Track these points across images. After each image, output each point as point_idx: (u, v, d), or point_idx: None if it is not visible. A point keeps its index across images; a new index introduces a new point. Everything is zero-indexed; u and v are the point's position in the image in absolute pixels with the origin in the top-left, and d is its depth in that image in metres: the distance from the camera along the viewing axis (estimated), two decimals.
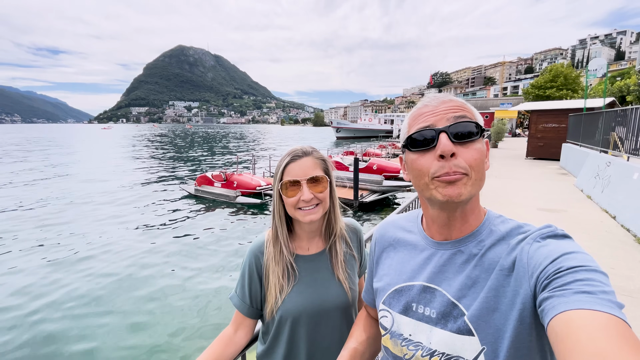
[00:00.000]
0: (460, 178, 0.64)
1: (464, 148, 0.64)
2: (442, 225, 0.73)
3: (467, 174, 0.64)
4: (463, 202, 0.66)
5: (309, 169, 1.00)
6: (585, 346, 0.42)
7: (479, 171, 0.65)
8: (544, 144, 14.31)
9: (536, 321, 0.57)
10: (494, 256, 0.65)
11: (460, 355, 0.64)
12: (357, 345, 0.91)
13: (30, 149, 37.90)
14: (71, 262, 7.18)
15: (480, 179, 0.66)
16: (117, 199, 13.18)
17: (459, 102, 0.70)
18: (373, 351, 0.94)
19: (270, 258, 1.05)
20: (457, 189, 0.64)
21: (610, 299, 0.47)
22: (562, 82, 33.54)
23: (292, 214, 1.02)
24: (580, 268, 0.51)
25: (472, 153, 0.64)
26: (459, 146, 0.64)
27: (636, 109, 6.86)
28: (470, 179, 0.64)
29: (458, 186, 0.64)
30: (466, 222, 0.71)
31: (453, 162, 0.64)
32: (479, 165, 0.65)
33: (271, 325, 1.07)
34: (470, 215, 0.71)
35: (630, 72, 46.41)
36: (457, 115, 0.66)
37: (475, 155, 0.65)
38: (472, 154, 0.64)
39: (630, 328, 0.44)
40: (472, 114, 0.69)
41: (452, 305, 0.67)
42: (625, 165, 6.10)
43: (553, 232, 0.61)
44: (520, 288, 0.59)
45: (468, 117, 0.67)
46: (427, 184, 0.67)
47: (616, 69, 73.67)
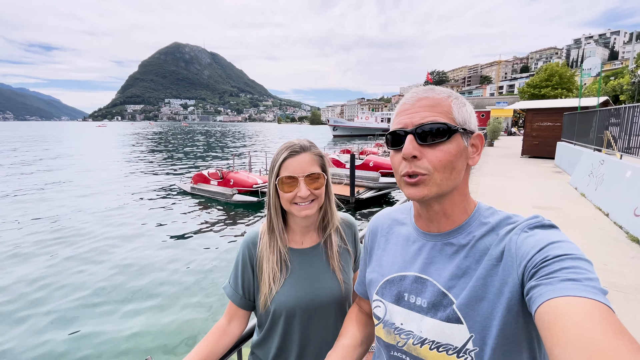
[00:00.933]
0: (422, 180, 0.67)
1: (430, 149, 0.66)
2: (426, 218, 0.76)
3: (428, 174, 0.66)
4: (433, 200, 0.70)
5: (307, 165, 0.99)
6: (571, 332, 0.43)
7: (443, 171, 0.66)
8: (539, 142, 14.44)
9: (523, 309, 0.59)
10: (483, 247, 0.67)
11: (450, 342, 0.66)
12: (349, 342, 0.92)
13: (25, 148, 37.47)
14: (63, 258, 7.12)
15: (447, 177, 0.67)
16: (113, 197, 13.07)
17: (435, 99, 0.69)
18: (365, 348, 0.95)
19: (265, 248, 1.05)
20: (419, 190, 0.67)
21: (595, 285, 0.49)
22: (557, 81, 33.79)
23: (287, 208, 1.02)
24: (566, 256, 0.53)
25: (436, 154, 0.66)
26: (426, 148, 0.66)
27: (629, 107, 6.93)
28: (432, 179, 0.66)
29: (420, 188, 0.67)
30: (450, 216, 0.72)
31: (415, 163, 0.67)
32: (443, 166, 0.66)
33: (265, 318, 1.07)
34: (454, 210, 0.72)
35: (623, 71, 46.79)
36: (426, 115, 0.67)
37: (439, 157, 0.66)
38: (436, 155, 0.66)
39: (614, 313, 0.46)
40: (447, 111, 0.68)
41: (442, 295, 0.68)
42: (618, 164, 6.17)
43: (540, 222, 0.63)
44: (508, 277, 0.60)
45: (438, 118, 0.66)
46: (399, 180, 0.72)
47: (610, 68, 74.29)
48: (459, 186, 0.71)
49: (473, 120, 0.71)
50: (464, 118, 0.68)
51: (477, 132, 0.71)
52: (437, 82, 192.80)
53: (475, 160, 0.71)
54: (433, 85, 0.74)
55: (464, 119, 0.69)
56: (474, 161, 0.71)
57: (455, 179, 0.68)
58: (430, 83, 26.18)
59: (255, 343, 1.12)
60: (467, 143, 0.69)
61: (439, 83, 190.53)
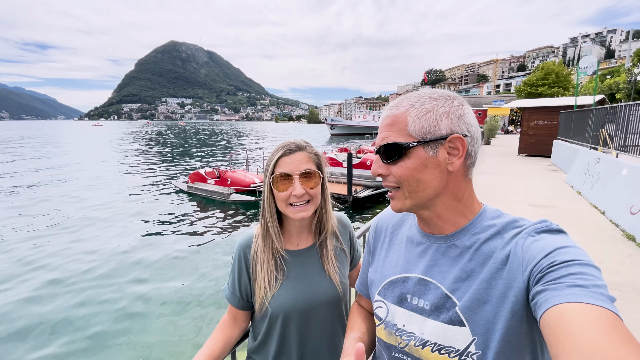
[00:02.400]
0: (394, 195, 0.72)
1: (394, 165, 0.69)
2: (424, 222, 0.77)
3: (398, 189, 0.71)
4: (416, 209, 0.73)
5: (302, 163, 0.98)
6: (577, 339, 0.43)
7: (409, 184, 0.68)
8: (535, 140, 14.49)
9: (528, 314, 0.58)
10: (488, 250, 0.66)
11: (452, 345, 0.65)
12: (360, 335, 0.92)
13: (23, 149, 37.20)
14: (59, 255, 7.08)
15: (414, 191, 0.68)
16: (109, 196, 13.00)
17: (393, 117, 0.70)
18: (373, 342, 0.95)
19: (260, 252, 1.03)
20: (394, 204, 0.73)
21: (603, 292, 0.48)
22: (554, 80, 33.89)
23: (282, 209, 1.01)
24: (574, 262, 0.52)
25: (397, 170, 0.68)
26: (389, 165, 0.70)
27: (625, 106, 6.96)
28: (401, 193, 0.70)
29: (394, 202, 0.72)
30: (447, 219, 0.72)
31: (386, 180, 0.72)
32: (406, 180, 0.68)
33: (262, 321, 1.06)
34: (449, 213, 0.71)
35: (620, 70, 47.02)
36: (384, 137, 0.70)
37: (399, 172, 0.68)
38: (397, 171, 0.69)
39: (622, 321, 0.45)
40: (401, 128, 0.67)
41: (446, 298, 0.68)
42: (614, 162, 6.20)
43: (548, 226, 0.62)
44: (513, 281, 0.59)
45: (392, 137, 0.68)
46: None
47: (606, 67, 74.72)
48: (447, 192, 0.69)
49: (445, 123, 0.66)
50: (424, 128, 0.66)
51: (453, 135, 0.65)
52: (434, 81, 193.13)
53: (455, 165, 0.66)
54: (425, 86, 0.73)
55: (425, 128, 0.65)
56: (453, 166, 0.66)
57: (426, 191, 0.68)
58: (426, 83, 26.19)
59: (253, 348, 1.11)
60: (436, 152, 0.66)
61: (436, 82, 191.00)
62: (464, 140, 0.66)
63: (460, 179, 0.70)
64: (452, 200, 0.70)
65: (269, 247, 1.03)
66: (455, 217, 0.71)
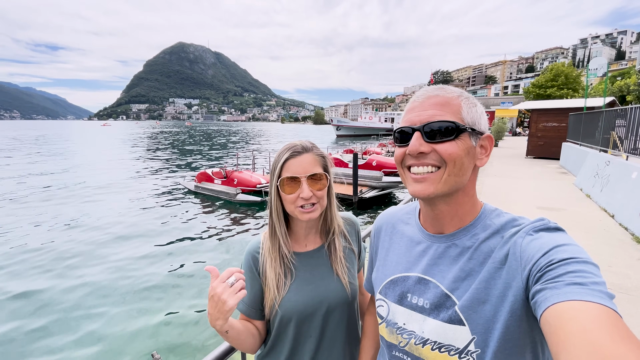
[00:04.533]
0: (427, 177, 0.67)
1: (439, 145, 0.66)
2: (432, 218, 0.75)
3: (440, 166, 0.67)
4: (439, 199, 0.70)
5: (309, 165, 0.98)
6: (578, 337, 0.43)
7: (454, 166, 0.66)
8: (544, 143, 14.33)
9: (527, 313, 0.58)
10: (487, 249, 0.67)
11: (452, 344, 0.66)
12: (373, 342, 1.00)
13: (34, 148, 37.82)
14: (67, 257, 7.20)
15: (455, 174, 0.66)
16: (117, 195, 13.18)
17: (445, 97, 0.69)
18: None
19: (268, 254, 1.03)
20: (425, 187, 0.67)
21: (601, 289, 0.48)
22: (563, 82, 33.45)
23: (290, 211, 1.00)
24: (572, 260, 0.52)
25: (446, 147, 0.65)
26: (433, 144, 0.66)
27: (636, 108, 6.87)
28: (443, 173, 0.66)
29: (426, 184, 0.67)
30: (455, 216, 0.72)
31: (425, 158, 0.67)
32: (454, 160, 0.65)
33: (271, 326, 1.05)
34: (459, 210, 0.72)
35: (630, 71, 46.31)
36: (435, 113, 0.67)
37: (449, 150, 0.65)
38: (446, 148, 0.65)
39: (621, 318, 0.45)
40: (456, 110, 0.67)
41: (445, 297, 0.68)
42: (624, 165, 6.12)
43: (546, 225, 0.62)
44: (512, 280, 0.60)
45: (447, 116, 0.66)
46: (403, 174, 0.73)
47: (616, 68, 73.54)
48: (465, 187, 0.70)
49: (483, 121, 0.70)
50: (473, 118, 0.68)
51: (486, 134, 0.70)
52: (441, 82, 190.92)
53: (484, 162, 0.70)
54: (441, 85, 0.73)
55: (474, 119, 0.68)
56: (482, 162, 0.70)
57: (462, 178, 0.68)
58: (432, 84, 25.98)
59: (262, 354, 1.09)
60: (476, 143, 0.69)
61: (443, 83, 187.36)
62: (493, 141, 0.71)
63: (475, 177, 0.73)
64: (466, 196, 0.71)
65: (277, 250, 1.03)
66: (463, 214, 0.72)
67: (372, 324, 1.02)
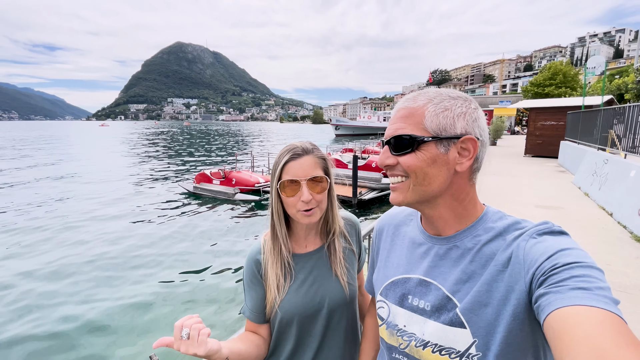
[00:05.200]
0: (398, 187, 0.71)
1: (403, 156, 0.68)
2: (426, 222, 0.77)
3: (403, 181, 0.70)
4: (417, 206, 0.73)
5: (309, 168, 0.97)
6: (582, 343, 0.42)
7: (416, 176, 0.67)
8: (542, 141, 14.35)
9: (530, 317, 0.57)
10: (490, 252, 0.66)
11: (452, 346, 0.65)
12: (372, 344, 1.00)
13: (32, 149, 37.71)
14: (67, 257, 7.18)
15: (420, 184, 0.68)
16: (115, 196, 13.14)
17: (409, 109, 0.68)
18: None
19: (269, 255, 1.03)
20: (395, 196, 0.72)
21: (606, 295, 0.47)
22: (561, 80, 33.47)
23: (291, 214, 1.00)
24: (576, 264, 0.51)
25: (407, 160, 0.67)
26: (398, 157, 0.69)
27: (634, 106, 6.88)
28: (406, 186, 0.69)
29: (396, 193, 0.72)
30: (448, 219, 0.71)
31: (393, 170, 0.71)
32: (414, 171, 0.67)
33: (272, 327, 1.06)
34: (451, 214, 0.71)
35: (628, 70, 46.35)
36: (397, 128, 0.69)
37: (409, 162, 0.67)
38: (406, 161, 0.67)
39: (626, 324, 0.45)
40: (418, 122, 0.67)
41: (447, 299, 0.68)
42: (622, 163, 6.13)
43: (549, 228, 0.61)
44: (515, 284, 0.59)
45: (406, 129, 0.67)
46: None
47: (615, 67, 73.66)
48: (449, 191, 0.69)
49: (460, 123, 0.66)
50: (441, 125, 0.65)
51: (466, 136, 0.66)
52: (440, 81, 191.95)
53: (465, 166, 0.67)
54: (431, 86, 0.74)
55: (442, 125, 0.65)
56: (462, 167, 0.67)
57: (430, 187, 0.67)
58: (431, 83, 26.02)
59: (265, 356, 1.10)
60: (447, 150, 0.66)
61: (441, 82, 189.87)
62: (477, 142, 0.67)
63: (465, 181, 0.70)
64: (453, 201, 0.70)
65: (278, 251, 1.03)
66: (455, 219, 0.71)
67: (372, 325, 1.02)
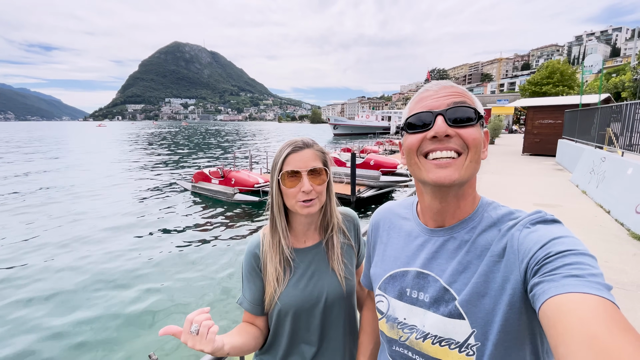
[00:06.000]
0: (452, 163, 0.65)
1: (461, 130, 0.65)
2: (435, 211, 0.74)
3: (462, 152, 0.65)
4: (456, 186, 0.67)
5: (310, 160, 1.00)
6: (576, 330, 0.43)
7: (475, 152, 0.66)
8: (540, 140, 14.40)
9: (526, 306, 0.58)
10: (485, 242, 0.67)
11: (452, 337, 0.66)
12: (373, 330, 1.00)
13: (29, 150, 37.52)
14: (64, 257, 7.15)
15: (475, 160, 0.66)
16: (114, 195, 13.09)
17: (459, 89, 0.71)
18: None
19: (268, 249, 1.05)
20: (451, 171, 0.65)
21: (599, 281, 0.48)
22: (559, 79, 33.60)
23: (290, 205, 1.02)
24: (569, 252, 0.52)
25: (471, 132, 0.65)
26: (456, 129, 0.65)
27: (631, 104, 6.91)
28: (465, 158, 0.65)
29: (451, 169, 0.65)
30: (458, 207, 0.72)
31: (448, 142, 0.65)
32: (476, 146, 0.66)
33: (270, 321, 1.08)
34: (464, 201, 0.72)
35: (625, 68, 46.61)
36: (456, 100, 0.67)
37: (474, 134, 0.65)
38: (470, 133, 0.65)
39: (619, 309, 0.45)
40: (472, 101, 0.70)
41: (444, 290, 0.69)
42: (619, 161, 6.16)
43: (542, 217, 0.62)
44: (510, 274, 0.60)
45: (468, 103, 0.68)
46: (417, 163, 0.69)
47: (612, 65, 74.06)
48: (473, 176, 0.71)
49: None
50: (479, 108, 0.70)
51: (485, 129, 0.72)
52: (438, 80, 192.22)
53: (485, 155, 0.71)
54: None
55: (479, 109, 0.70)
56: (484, 155, 0.70)
57: (478, 165, 0.68)
58: (429, 81, 26.02)
59: (262, 350, 1.11)
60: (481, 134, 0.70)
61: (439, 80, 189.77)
62: (489, 135, 0.73)
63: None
64: (469, 187, 0.72)
65: (277, 245, 1.04)
66: (464, 206, 0.72)
67: (369, 318, 1.03)
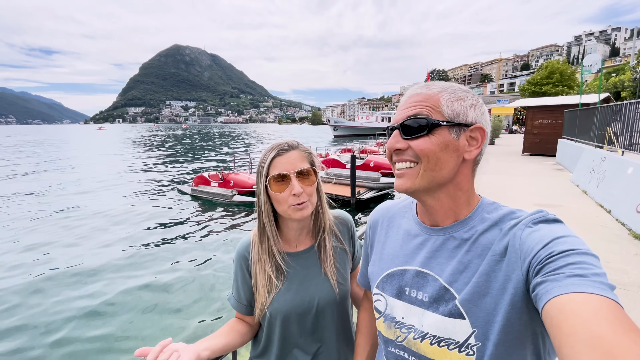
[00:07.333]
0: (405, 173, 0.70)
1: (415, 140, 0.68)
2: (424, 212, 0.76)
3: (417, 162, 0.68)
4: (422, 194, 0.71)
5: (297, 161, 0.96)
6: (580, 330, 0.42)
7: (428, 161, 0.67)
8: (540, 140, 14.39)
9: (528, 306, 0.58)
10: (486, 242, 0.66)
11: (452, 337, 0.65)
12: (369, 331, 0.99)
13: (28, 154, 37.60)
14: (63, 259, 7.14)
15: (431, 169, 0.67)
16: (114, 199, 13.10)
17: (425, 95, 0.69)
18: None
19: (257, 257, 1.02)
20: (404, 181, 0.70)
21: (602, 281, 0.48)
22: (558, 79, 33.62)
23: (282, 211, 0.98)
24: (572, 252, 0.52)
25: (419, 144, 0.67)
26: (409, 141, 0.68)
27: (630, 104, 6.90)
28: (419, 168, 0.68)
29: (405, 179, 0.70)
30: (448, 210, 0.71)
31: (403, 154, 0.70)
32: (427, 156, 0.67)
33: (262, 326, 1.06)
34: (452, 204, 0.71)
35: (624, 68, 46.62)
36: (411, 113, 0.69)
37: (422, 146, 0.67)
38: (419, 145, 0.67)
39: (623, 309, 0.45)
40: (433, 105, 0.68)
41: (444, 290, 0.67)
42: (619, 160, 6.13)
43: (544, 217, 0.62)
44: (512, 273, 0.59)
45: (422, 112, 0.67)
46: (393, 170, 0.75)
47: (611, 65, 74.12)
48: (454, 180, 0.69)
49: (472, 113, 0.68)
50: (454, 111, 0.67)
51: (476, 125, 0.68)
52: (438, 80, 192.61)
53: (473, 154, 0.69)
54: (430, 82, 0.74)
55: (455, 112, 0.67)
56: (470, 154, 0.68)
57: (440, 172, 0.67)
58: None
59: (256, 354, 1.10)
60: (458, 136, 0.67)
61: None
62: (485, 132, 0.69)
63: (469, 170, 0.72)
64: (457, 190, 0.71)
65: (267, 251, 1.01)
66: (456, 208, 0.71)
67: (366, 319, 1.01)
